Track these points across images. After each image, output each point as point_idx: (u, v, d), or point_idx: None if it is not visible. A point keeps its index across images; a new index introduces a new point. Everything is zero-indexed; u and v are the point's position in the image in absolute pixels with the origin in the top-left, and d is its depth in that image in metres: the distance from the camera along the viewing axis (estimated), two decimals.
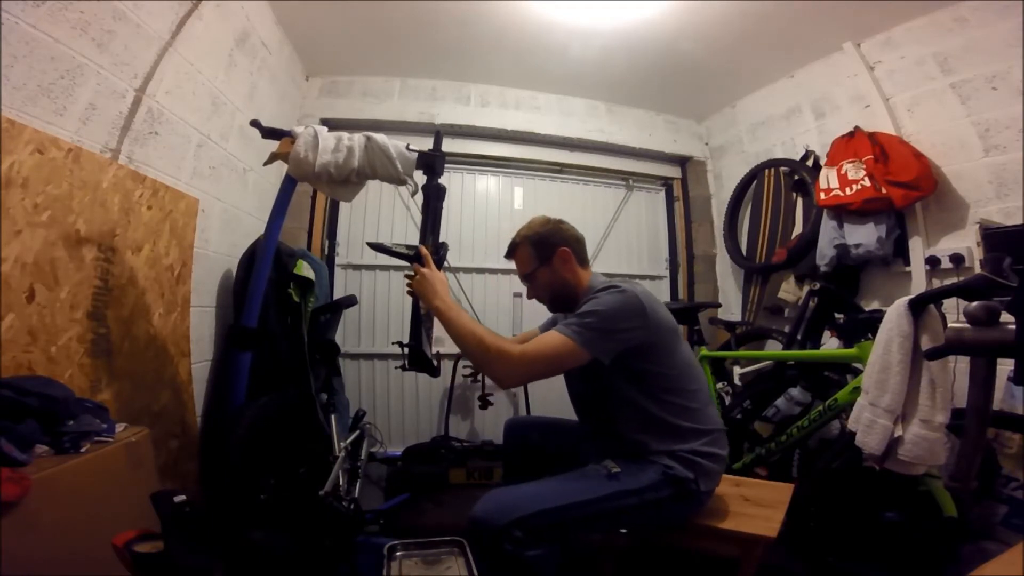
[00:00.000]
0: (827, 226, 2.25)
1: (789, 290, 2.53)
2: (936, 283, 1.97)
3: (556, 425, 1.53)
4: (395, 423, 2.83)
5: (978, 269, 1.79)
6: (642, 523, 1.22)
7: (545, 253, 1.36)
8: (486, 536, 1.02)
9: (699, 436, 1.22)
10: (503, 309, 3.02)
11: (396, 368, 2.29)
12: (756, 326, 2.66)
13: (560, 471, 1.21)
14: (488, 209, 3.08)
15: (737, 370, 2.34)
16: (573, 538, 1.16)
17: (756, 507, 1.33)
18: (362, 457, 2.03)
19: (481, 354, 1.14)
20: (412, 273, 1.32)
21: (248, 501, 1.26)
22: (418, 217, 1.60)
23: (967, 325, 0.88)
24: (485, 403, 2.69)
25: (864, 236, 2.11)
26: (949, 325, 0.93)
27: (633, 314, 1.16)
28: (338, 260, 2.85)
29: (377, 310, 2.85)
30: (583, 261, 1.38)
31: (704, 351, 2.36)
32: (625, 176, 3.32)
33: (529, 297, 1.45)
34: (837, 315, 1.95)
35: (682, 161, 3.41)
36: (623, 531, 1.31)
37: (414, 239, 1.53)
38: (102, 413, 1.07)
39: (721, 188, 3.26)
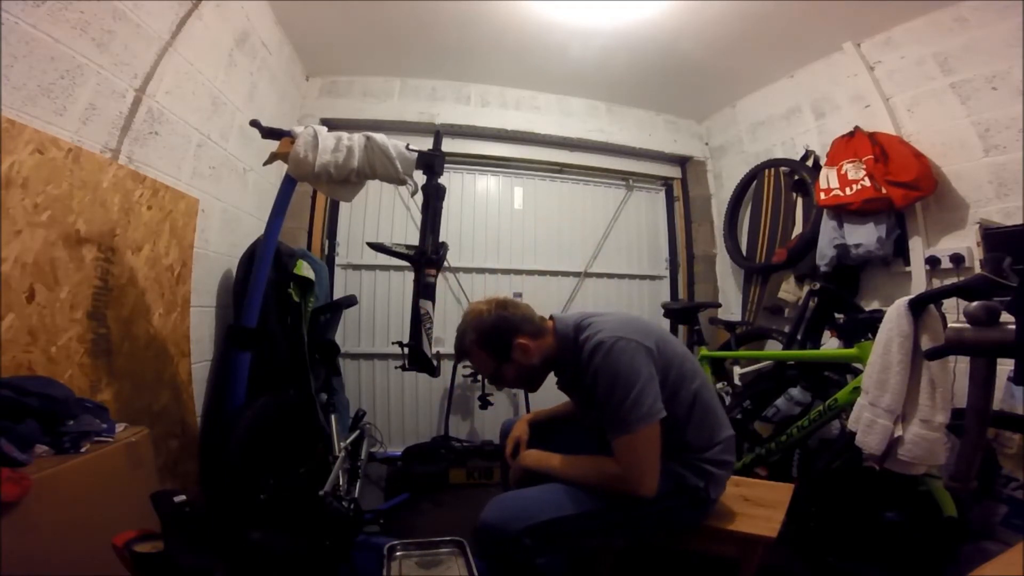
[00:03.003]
0: (827, 226, 2.25)
1: (789, 290, 2.53)
2: (936, 283, 1.97)
3: (553, 419, 1.49)
4: (395, 423, 2.83)
5: (978, 269, 1.79)
6: (651, 531, 1.20)
7: (501, 352, 1.24)
8: (496, 542, 1.01)
9: (712, 444, 1.20)
10: None
11: (396, 368, 2.29)
12: (756, 326, 2.66)
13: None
14: (488, 209, 3.09)
15: (737, 370, 2.34)
16: (579, 548, 1.16)
17: (756, 507, 1.33)
18: (362, 457, 2.03)
19: (610, 486, 1.10)
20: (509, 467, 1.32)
21: (248, 501, 1.26)
22: (418, 217, 1.60)
23: (967, 325, 0.88)
24: (485, 403, 2.69)
25: (864, 236, 2.11)
26: (949, 325, 0.93)
27: (643, 358, 1.12)
28: (338, 260, 2.85)
29: (377, 310, 2.85)
30: (539, 333, 1.26)
31: (704, 351, 2.36)
32: (625, 176, 3.32)
33: (500, 388, 1.44)
34: (837, 315, 1.95)
35: (682, 161, 3.41)
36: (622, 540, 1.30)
37: (414, 239, 1.53)
38: (102, 413, 1.07)
39: (721, 188, 3.26)
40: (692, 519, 1.22)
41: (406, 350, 1.48)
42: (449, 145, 2.56)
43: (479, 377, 2.75)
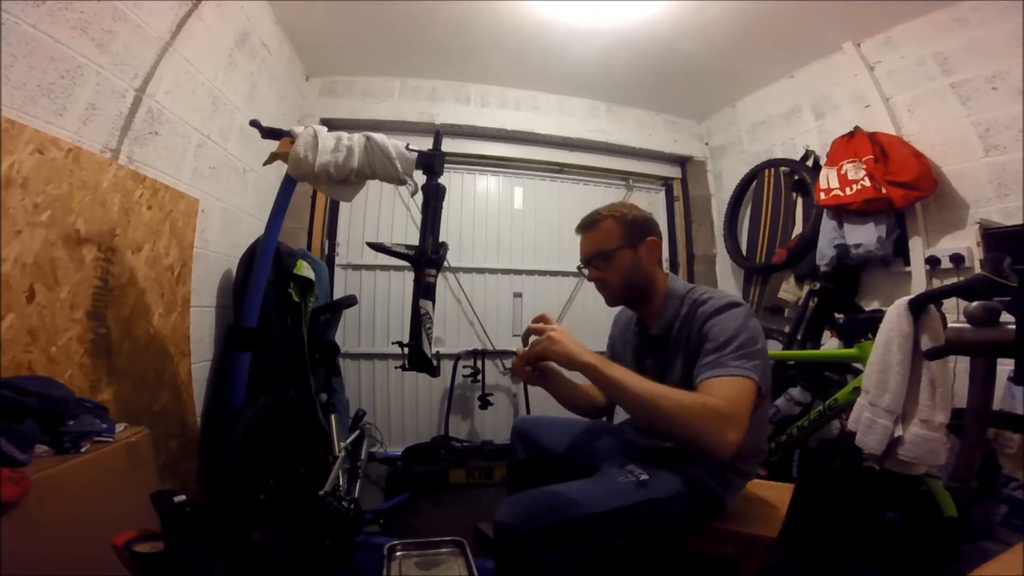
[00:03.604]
0: (827, 226, 2.25)
1: (789, 290, 2.53)
2: (936, 283, 1.97)
3: (567, 425, 1.44)
4: (395, 423, 2.83)
5: (978, 269, 1.79)
6: (662, 531, 1.19)
7: (635, 237, 1.17)
8: (511, 541, 0.98)
9: (746, 454, 1.14)
10: (503, 309, 3.02)
11: (396, 368, 2.29)
12: None
13: (571, 473, 1.17)
14: (488, 209, 3.09)
15: None
16: (593, 547, 1.13)
17: (756, 507, 1.33)
18: (362, 457, 2.03)
19: (695, 418, 0.92)
20: (534, 338, 1.07)
21: (248, 501, 1.25)
22: (418, 217, 1.60)
23: (967, 325, 0.88)
24: (485, 403, 2.70)
25: (864, 236, 2.11)
26: (949, 325, 0.93)
27: (762, 334, 1.07)
28: (338, 260, 2.85)
29: (377, 310, 2.85)
30: (661, 263, 1.23)
31: None
32: (625, 176, 3.32)
33: (591, 279, 1.23)
34: (837, 315, 1.95)
35: (682, 161, 3.41)
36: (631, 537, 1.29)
37: (414, 239, 1.53)
38: (102, 413, 1.07)
39: (721, 188, 3.26)
40: (701, 522, 1.20)
41: (406, 350, 1.47)
42: (449, 145, 2.55)
43: (479, 377, 2.76)
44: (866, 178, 2.06)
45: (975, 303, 0.88)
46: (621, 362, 1.19)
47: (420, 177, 1.54)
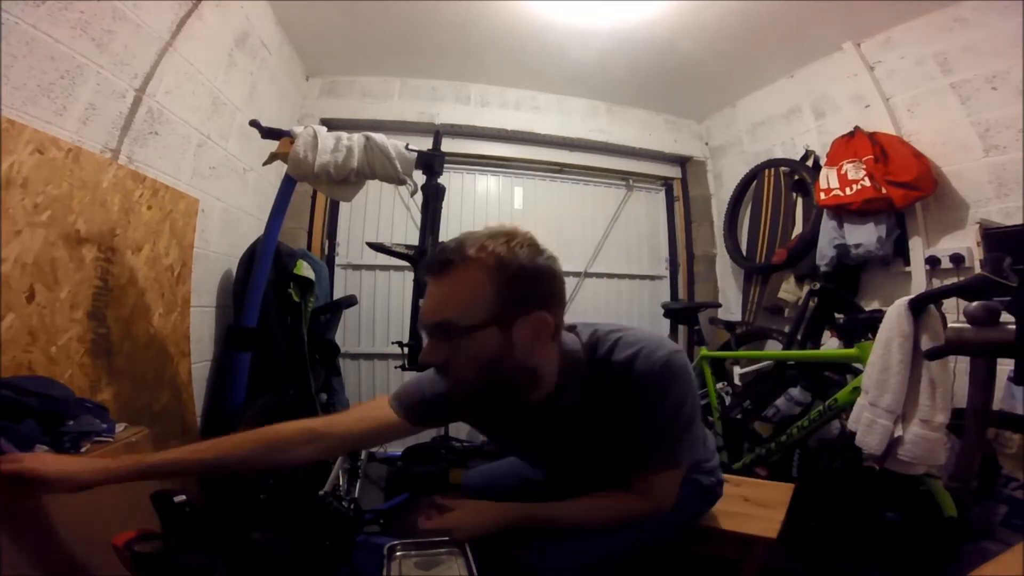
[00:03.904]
0: (827, 226, 2.25)
1: (789, 290, 2.53)
2: (936, 283, 1.97)
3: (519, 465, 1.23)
4: None
5: (978, 269, 1.79)
6: (671, 534, 1.15)
7: (511, 308, 0.76)
8: None
9: (710, 455, 1.19)
10: None
11: (396, 368, 2.29)
12: (756, 326, 2.66)
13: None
14: (488, 209, 3.09)
15: (737, 370, 2.34)
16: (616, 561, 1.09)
17: (756, 507, 1.33)
18: (362, 457, 2.03)
19: (635, 516, 0.92)
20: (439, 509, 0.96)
21: (248, 501, 1.26)
22: (418, 217, 1.60)
23: (967, 325, 0.88)
24: None
25: (864, 236, 2.11)
26: (949, 325, 0.93)
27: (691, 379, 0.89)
28: (338, 260, 2.85)
29: (377, 310, 2.85)
30: (558, 330, 0.84)
31: (704, 351, 2.36)
32: (625, 176, 3.32)
33: (425, 364, 0.83)
34: (837, 315, 1.95)
35: (682, 161, 3.41)
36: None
37: (414, 239, 1.53)
38: (102, 413, 1.07)
39: (721, 188, 3.26)
40: (700, 512, 1.21)
41: (406, 350, 1.47)
42: (449, 145, 2.55)
43: None
44: (866, 178, 2.06)
45: (975, 303, 0.88)
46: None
47: (420, 177, 1.54)
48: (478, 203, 3.08)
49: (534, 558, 0.95)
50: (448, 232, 2.56)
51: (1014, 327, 0.81)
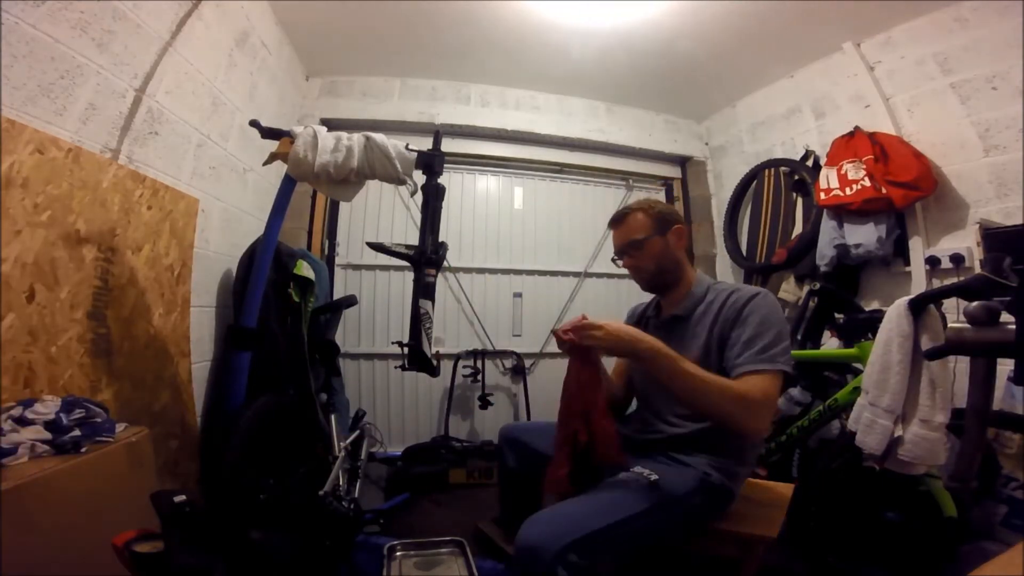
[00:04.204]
0: (827, 226, 2.25)
1: (789, 290, 2.53)
2: (936, 283, 1.97)
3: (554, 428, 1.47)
4: (395, 423, 2.83)
5: (978, 269, 1.79)
6: (681, 532, 1.18)
7: (663, 225, 1.31)
8: (540, 563, 0.95)
9: (748, 447, 1.21)
10: (503, 309, 3.02)
11: (396, 368, 2.29)
12: None
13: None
14: (488, 209, 3.09)
15: None
16: (621, 558, 1.10)
17: (756, 507, 1.33)
18: (362, 457, 2.03)
19: (736, 407, 1.04)
20: (586, 332, 1.07)
21: (248, 501, 1.25)
22: (418, 217, 1.60)
23: (967, 325, 0.88)
24: (485, 403, 2.70)
25: (864, 236, 2.11)
26: (949, 325, 0.93)
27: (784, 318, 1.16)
28: (338, 260, 2.85)
29: (377, 310, 2.85)
30: (689, 253, 1.36)
31: None
32: (625, 176, 3.32)
33: (626, 266, 1.38)
34: (837, 315, 1.95)
35: (682, 161, 3.41)
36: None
37: (414, 239, 1.53)
38: (102, 413, 1.07)
39: (721, 188, 3.26)
40: (714, 516, 1.21)
41: (406, 350, 1.47)
42: (449, 145, 2.56)
43: (479, 377, 2.76)
44: (866, 178, 2.06)
45: (975, 303, 0.88)
46: None
47: (420, 177, 1.54)
48: (478, 203, 3.08)
49: (531, 532, 0.99)
50: (448, 232, 2.59)
51: (1014, 327, 0.81)
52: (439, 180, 1.53)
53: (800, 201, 2.61)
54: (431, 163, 1.52)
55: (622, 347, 1.07)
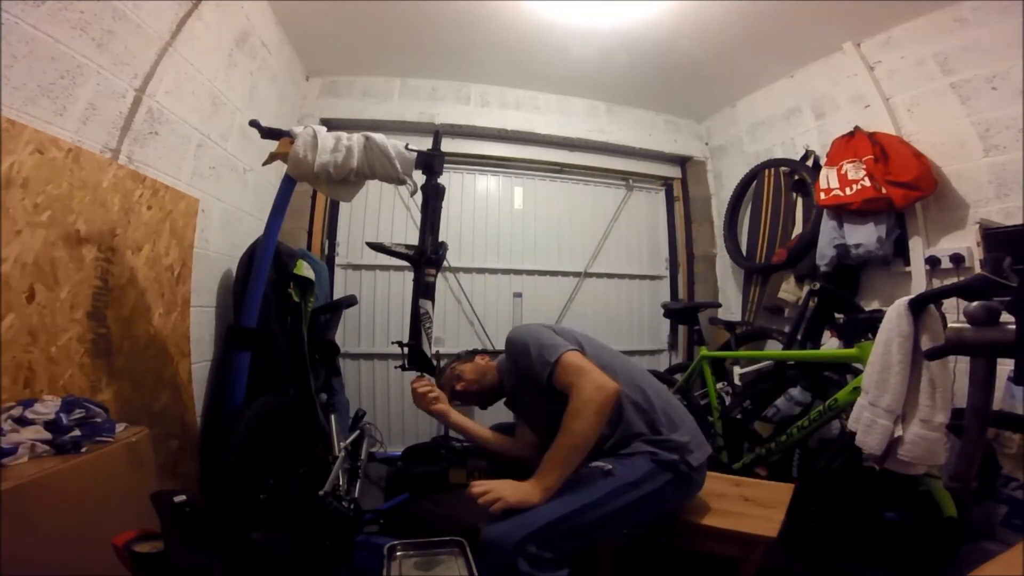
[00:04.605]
0: (827, 226, 2.25)
1: (789, 290, 2.53)
2: (936, 283, 1.97)
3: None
4: (395, 423, 2.83)
5: (978, 269, 1.79)
6: (647, 517, 1.21)
7: (454, 383, 1.63)
8: (501, 556, 1.00)
9: (660, 421, 1.26)
10: (503, 309, 3.02)
11: (396, 368, 2.29)
12: (756, 326, 2.66)
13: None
14: (488, 209, 3.09)
15: (737, 370, 2.34)
16: (583, 546, 1.16)
17: (756, 507, 1.33)
18: (362, 457, 2.03)
19: (591, 416, 1.15)
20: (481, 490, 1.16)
21: (248, 501, 1.26)
22: (418, 217, 1.60)
23: (967, 325, 0.88)
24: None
25: (864, 236, 2.11)
26: (949, 325, 0.93)
27: (542, 328, 1.35)
28: (338, 260, 2.85)
29: (377, 310, 2.85)
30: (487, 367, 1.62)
31: (704, 351, 2.36)
32: (625, 176, 3.32)
33: (465, 403, 1.71)
34: (837, 315, 1.95)
35: (682, 161, 3.41)
36: (624, 532, 1.30)
37: (414, 239, 1.53)
38: (102, 413, 1.07)
39: (721, 188, 3.26)
40: (680, 497, 1.24)
41: (406, 350, 1.47)
42: (449, 145, 2.56)
43: None
44: (866, 178, 2.06)
45: (975, 303, 0.87)
46: (520, 418, 1.58)
47: (420, 177, 1.54)
48: (478, 203, 3.08)
49: (491, 527, 1.05)
50: (448, 232, 2.59)
51: (1014, 327, 0.81)
52: (439, 180, 1.53)
53: (800, 201, 2.61)
54: (431, 163, 1.52)
55: (528, 495, 1.11)
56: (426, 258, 1.47)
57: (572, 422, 1.14)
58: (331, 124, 2.53)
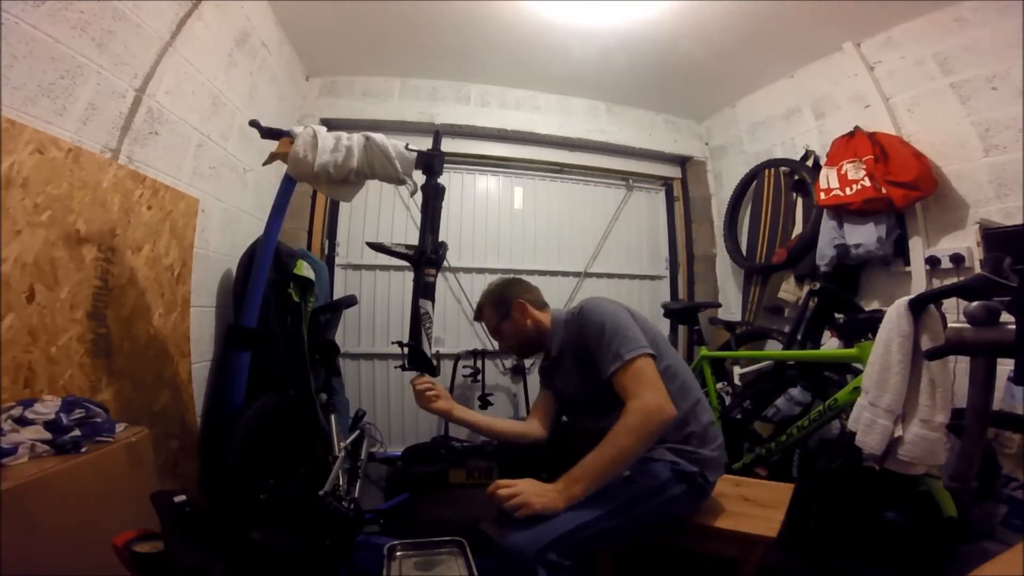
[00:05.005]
0: (827, 226, 2.25)
1: (789, 290, 2.53)
2: (936, 283, 1.97)
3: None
4: (395, 423, 2.83)
5: (978, 269, 1.79)
6: (657, 523, 1.21)
7: (504, 308, 1.46)
8: (522, 564, 0.99)
9: (696, 434, 1.25)
10: None
11: (396, 368, 2.29)
12: (756, 326, 2.66)
13: (560, 472, 1.20)
14: (488, 209, 3.09)
15: (737, 370, 2.34)
16: (601, 548, 1.17)
17: (756, 507, 1.33)
18: (362, 457, 2.03)
19: (643, 432, 1.10)
20: (506, 492, 1.09)
21: (248, 501, 1.26)
22: (418, 217, 1.60)
23: (967, 325, 0.88)
24: (485, 403, 2.69)
25: (864, 236, 2.11)
26: (949, 325, 0.93)
27: (623, 311, 1.28)
28: (338, 260, 2.85)
29: (377, 310, 2.85)
30: (539, 305, 1.47)
31: (704, 351, 2.36)
32: (625, 176, 3.32)
33: (502, 350, 1.58)
34: (837, 315, 1.95)
35: (682, 161, 3.41)
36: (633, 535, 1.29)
37: (414, 239, 1.53)
38: (102, 413, 1.07)
39: (721, 188, 3.26)
40: (692, 506, 1.24)
41: (406, 350, 1.47)
42: (449, 145, 2.56)
43: (479, 377, 2.76)
44: (866, 178, 2.06)
45: (975, 303, 0.87)
46: (549, 389, 1.50)
47: (420, 177, 1.54)
48: (478, 203, 3.08)
49: (512, 535, 1.03)
50: (448, 232, 2.59)
51: (1014, 327, 0.81)
52: (439, 180, 1.53)
53: (800, 201, 2.61)
54: (431, 163, 1.52)
55: (554, 509, 1.07)
56: (426, 258, 1.47)
57: (623, 438, 1.09)
58: (331, 124, 2.53)
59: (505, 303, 1.45)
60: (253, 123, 1.48)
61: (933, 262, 1.97)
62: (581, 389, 1.34)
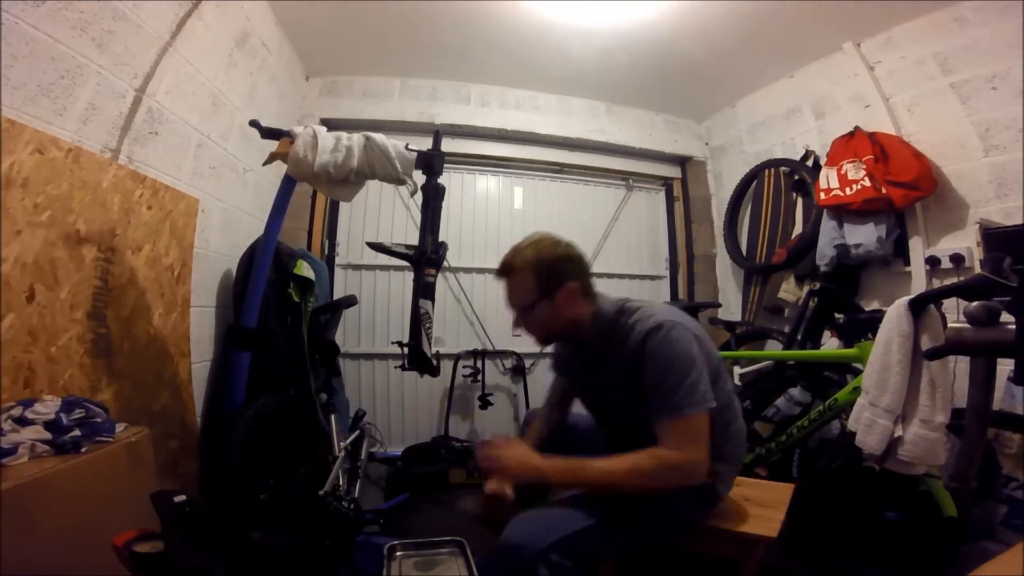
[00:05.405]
0: (827, 226, 2.25)
1: (789, 290, 2.53)
2: (936, 283, 1.97)
3: (576, 422, 1.44)
4: (395, 423, 2.83)
5: (978, 269, 1.79)
6: (665, 532, 1.19)
7: (549, 287, 1.13)
8: (523, 562, 0.97)
9: (726, 447, 1.18)
10: (503, 309, 3.00)
11: (396, 368, 2.29)
12: (756, 326, 2.66)
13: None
14: (488, 209, 3.09)
15: (737, 370, 2.34)
16: (604, 555, 1.14)
17: (756, 507, 1.33)
18: (362, 457, 2.03)
19: (658, 475, 1.02)
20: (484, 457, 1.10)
21: (248, 501, 1.26)
22: (418, 217, 1.60)
23: (967, 325, 0.88)
24: (485, 403, 2.70)
25: (864, 236, 2.11)
26: (949, 325, 0.93)
27: (697, 347, 1.07)
28: (338, 260, 2.85)
29: (377, 310, 2.85)
30: (588, 294, 1.18)
31: None
32: (625, 176, 3.32)
33: (515, 326, 1.22)
34: (837, 315, 1.95)
35: (682, 161, 3.41)
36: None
37: (414, 239, 1.53)
38: (102, 413, 1.07)
39: (721, 188, 3.26)
40: (698, 516, 1.22)
41: (406, 350, 1.47)
42: (449, 145, 2.55)
43: (479, 377, 2.76)
44: (866, 178, 2.06)
45: (975, 303, 0.87)
46: (565, 377, 1.37)
47: (420, 177, 1.54)
48: (478, 203, 3.08)
49: (516, 530, 1.01)
50: (448, 232, 2.59)
51: (1014, 327, 0.81)
52: (439, 180, 1.53)
53: (800, 201, 2.61)
54: (431, 163, 1.52)
55: (527, 477, 1.07)
56: (426, 258, 1.47)
57: (644, 475, 1.02)
58: (331, 124, 2.53)
59: (554, 279, 1.13)
60: (253, 123, 1.48)
61: (933, 262, 1.97)
62: (620, 408, 1.19)
